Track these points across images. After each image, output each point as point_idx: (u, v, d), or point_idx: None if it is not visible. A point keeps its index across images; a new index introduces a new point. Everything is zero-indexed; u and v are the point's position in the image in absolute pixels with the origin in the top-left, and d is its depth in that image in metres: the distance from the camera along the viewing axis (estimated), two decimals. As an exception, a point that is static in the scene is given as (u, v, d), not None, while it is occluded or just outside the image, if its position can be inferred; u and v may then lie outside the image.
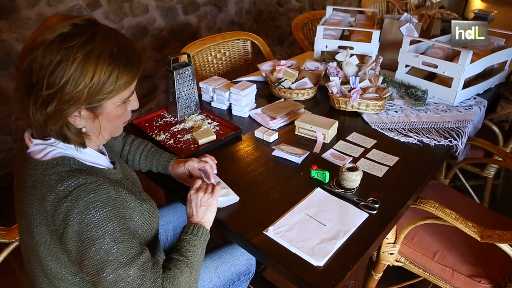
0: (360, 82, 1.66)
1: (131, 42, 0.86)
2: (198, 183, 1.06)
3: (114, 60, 0.80)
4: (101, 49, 0.78)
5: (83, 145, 0.87)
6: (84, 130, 0.86)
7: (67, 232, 0.78)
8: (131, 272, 0.80)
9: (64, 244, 0.80)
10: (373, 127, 1.54)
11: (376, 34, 1.91)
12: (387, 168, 1.29)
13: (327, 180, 1.21)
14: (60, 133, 0.83)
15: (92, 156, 0.90)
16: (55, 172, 0.80)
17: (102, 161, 0.92)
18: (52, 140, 0.85)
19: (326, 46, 2.00)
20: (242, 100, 1.58)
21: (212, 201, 1.02)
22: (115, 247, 0.79)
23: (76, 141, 0.85)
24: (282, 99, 1.72)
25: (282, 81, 1.76)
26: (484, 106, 1.73)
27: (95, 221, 0.78)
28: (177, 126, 1.52)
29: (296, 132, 1.48)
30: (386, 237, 1.38)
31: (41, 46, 0.75)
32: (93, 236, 0.78)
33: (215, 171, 1.16)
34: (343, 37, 2.21)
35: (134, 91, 0.90)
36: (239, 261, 1.25)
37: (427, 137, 1.46)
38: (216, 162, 1.18)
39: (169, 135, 1.46)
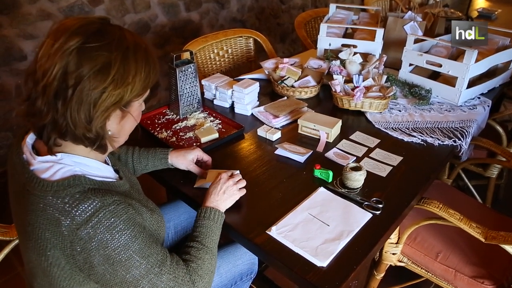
0: (363, 81, 1.64)
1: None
2: (230, 172, 1.11)
3: (146, 56, 0.81)
4: (134, 46, 0.79)
5: (105, 150, 0.86)
6: (109, 133, 0.84)
7: (92, 257, 0.76)
8: (164, 278, 0.83)
9: (89, 268, 0.78)
10: (376, 126, 1.53)
11: (379, 32, 1.90)
12: (391, 167, 1.28)
13: (330, 180, 1.20)
14: (97, 135, 0.80)
15: (101, 170, 0.87)
16: (67, 194, 0.76)
17: (109, 173, 0.89)
18: (59, 156, 0.81)
19: (330, 44, 1.99)
20: (244, 98, 1.57)
21: (235, 193, 1.07)
22: (144, 262, 0.81)
23: (105, 145, 0.84)
24: (285, 97, 1.71)
25: (285, 79, 1.75)
26: (488, 106, 1.72)
27: (121, 245, 0.77)
28: (179, 123, 1.51)
29: (299, 131, 1.47)
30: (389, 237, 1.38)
31: (72, 49, 0.73)
32: (122, 258, 0.78)
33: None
34: (346, 35, 2.19)
35: None
36: (242, 261, 1.25)
37: (431, 136, 1.45)
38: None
39: (171, 132, 1.45)
